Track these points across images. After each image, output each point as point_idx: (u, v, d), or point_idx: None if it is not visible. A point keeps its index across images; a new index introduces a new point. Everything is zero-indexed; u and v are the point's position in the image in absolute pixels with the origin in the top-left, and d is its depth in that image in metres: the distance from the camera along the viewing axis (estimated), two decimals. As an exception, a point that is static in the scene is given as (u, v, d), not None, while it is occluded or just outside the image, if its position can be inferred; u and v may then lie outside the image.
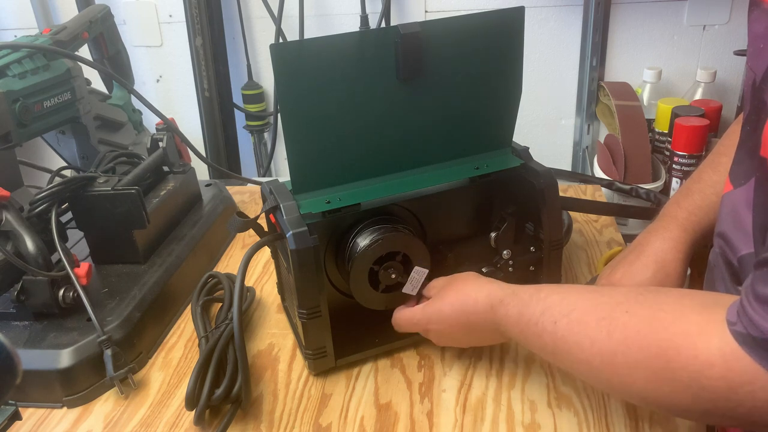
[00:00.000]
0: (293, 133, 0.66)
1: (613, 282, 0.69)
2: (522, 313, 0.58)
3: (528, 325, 0.57)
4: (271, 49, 0.61)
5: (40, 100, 0.85)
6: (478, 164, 0.74)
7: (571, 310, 0.53)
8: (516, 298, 0.60)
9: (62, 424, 0.68)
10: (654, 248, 0.68)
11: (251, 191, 1.18)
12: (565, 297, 0.55)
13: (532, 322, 0.56)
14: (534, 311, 0.57)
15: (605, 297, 0.52)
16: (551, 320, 0.54)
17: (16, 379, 0.41)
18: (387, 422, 0.65)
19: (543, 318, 0.55)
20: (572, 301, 0.54)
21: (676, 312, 0.45)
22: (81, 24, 0.99)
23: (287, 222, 0.64)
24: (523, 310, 0.58)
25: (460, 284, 0.67)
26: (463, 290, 0.66)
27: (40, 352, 0.69)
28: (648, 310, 0.47)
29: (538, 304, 0.57)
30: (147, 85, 1.61)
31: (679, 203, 0.71)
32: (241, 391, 0.64)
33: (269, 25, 1.48)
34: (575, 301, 0.54)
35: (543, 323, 0.55)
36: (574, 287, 0.58)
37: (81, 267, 0.75)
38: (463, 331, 0.66)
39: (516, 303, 0.59)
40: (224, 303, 0.78)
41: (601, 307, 0.51)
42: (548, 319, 0.54)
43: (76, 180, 0.80)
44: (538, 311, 0.56)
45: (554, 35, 1.38)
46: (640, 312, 0.47)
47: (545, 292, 0.58)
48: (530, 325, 0.57)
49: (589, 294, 0.54)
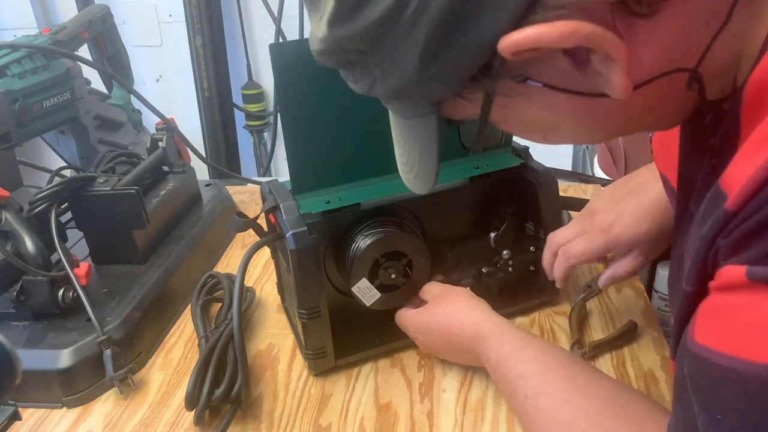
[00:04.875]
0: (293, 133, 0.66)
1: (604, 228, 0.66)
2: (500, 364, 0.59)
3: (504, 381, 0.59)
4: (271, 49, 0.61)
5: (40, 100, 0.85)
6: (478, 164, 0.74)
7: (542, 393, 0.54)
8: (500, 346, 0.60)
9: (62, 424, 0.68)
10: (654, 195, 0.64)
11: (251, 191, 1.18)
12: (542, 372, 0.56)
13: (507, 380, 0.58)
14: (511, 370, 0.58)
15: (576, 395, 0.52)
16: (522, 392, 0.55)
17: (16, 379, 0.41)
18: (387, 422, 0.65)
19: (517, 382, 0.56)
20: (547, 381, 0.55)
21: None
22: (81, 24, 0.99)
23: (287, 222, 0.64)
24: (501, 362, 0.59)
25: (452, 302, 0.67)
26: (453, 310, 0.66)
27: (40, 352, 0.69)
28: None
29: (517, 365, 0.57)
30: (147, 85, 1.61)
31: None
32: (240, 391, 0.64)
33: (269, 25, 1.48)
34: (550, 382, 0.54)
35: (516, 388, 0.56)
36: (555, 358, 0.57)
37: (81, 267, 0.75)
38: (446, 347, 0.68)
39: (498, 350, 0.60)
40: (224, 303, 0.78)
41: (568, 407, 0.52)
42: (521, 388, 0.56)
43: (75, 180, 0.80)
44: (514, 373, 0.57)
45: (554, 35, 1.38)
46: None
47: (526, 354, 0.58)
48: (506, 382, 0.58)
49: (564, 382, 0.54)
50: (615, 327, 0.75)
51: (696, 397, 0.36)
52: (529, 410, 0.54)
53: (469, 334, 0.63)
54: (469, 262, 0.75)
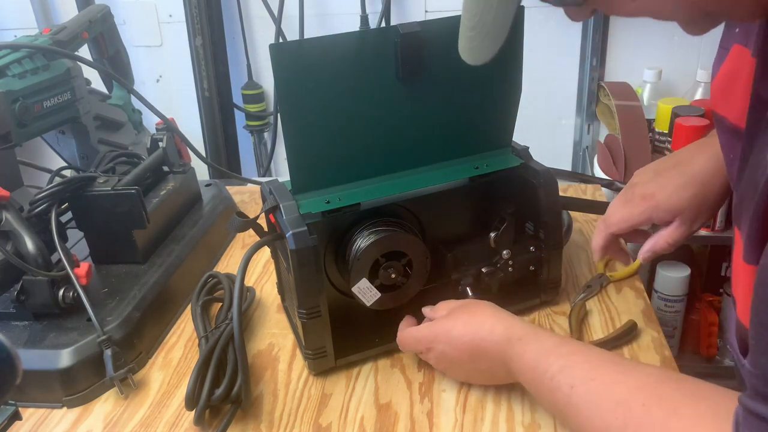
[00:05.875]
0: (293, 133, 0.66)
1: (645, 195, 0.65)
2: (539, 362, 0.56)
3: (543, 378, 0.55)
4: (271, 49, 0.62)
5: (40, 100, 0.85)
6: (478, 164, 0.74)
7: (592, 378, 0.51)
8: (537, 343, 0.57)
9: (62, 424, 0.68)
10: (699, 166, 0.64)
11: (251, 191, 1.18)
12: (588, 360, 0.53)
13: (548, 375, 0.54)
14: (553, 365, 0.54)
15: (627, 375, 0.50)
16: (568, 382, 0.52)
17: (16, 379, 0.41)
18: (387, 422, 0.65)
19: (561, 376, 0.53)
20: (594, 368, 0.52)
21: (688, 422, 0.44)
22: (81, 24, 0.99)
23: (287, 222, 0.64)
24: (541, 358, 0.56)
25: (477, 309, 0.64)
26: (480, 315, 0.63)
27: (40, 352, 0.69)
28: (664, 411, 0.46)
29: (559, 359, 0.54)
30: (147, 85, 1.61)
31: None
32: (241, 391, 0.64)
33: (269, 25, 1.48)
34: (597, 368, 0.52)
35: (559, 381, 0.53)
36: (597, 351, 0.55)
37: (81, 267, 0.75)
38: (468, 358, 0.63)
39: (536, 348, 0.57)
40: (224, 303, 0.78)
41: (621, 387, 0.49)
42: (566, 380, 0.53)
43: (76, 180, 0.80)
44: (557, 367, 0.54)
45: (554, 35, 1.38)
46: (656, 411, 0.46)
47: (568, 348, 0.55)
48: (545, 379, 0.54)
49: (612, 366, 0.52)
50: (615, 327, 0.75)
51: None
52: (576, 400, 0.51)
53: (500, 337, 0.60)
54: (469, 262, 0.76)
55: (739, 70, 0.53)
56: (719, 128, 0.58)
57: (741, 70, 0.53)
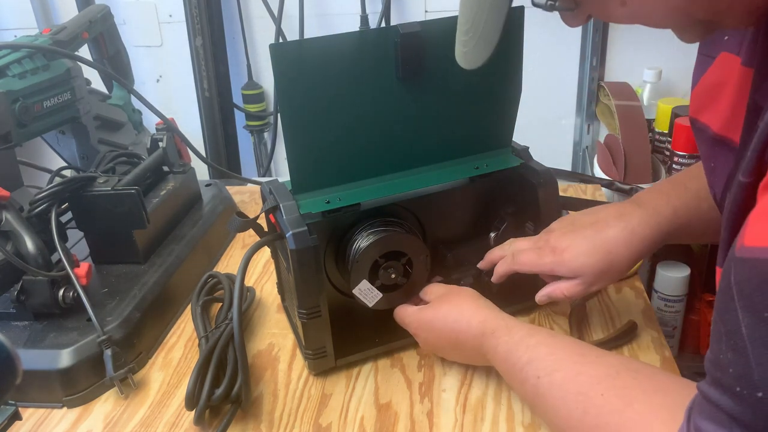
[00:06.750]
0: (293, 133, 0.66)
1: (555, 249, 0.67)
2: (510, 353, 0.59)
3: (513, 369, 0.58)
4: (271, 49, 0.61)
5: (40, 100, 0.85)
6: (478, 164, 0.74)
7: (555, 370, 0.54)
8: (508, 336, 0.60)
9: (62, 424, 0.68)
10: (611, 234, 0.66)
11: (251, 191, 1.18)
12: (552, 352, 0.56)
13: (518, 367, 0.57)
14: (521, 357, 0.57)
15: (588, 366, 0.53)
16: (535, 374, 0.55)
17: (16, 379, 0.41)
18: (387, 422, 0.65)
19: (528, 368, 0.56)
20: (558, 360, 0.55)
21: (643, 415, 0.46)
22: (81, 24, 0.99)
23: (287, 222, 0.64)
24: (511, 351, 0.59)
25: (458, 300, 0.67)
26: (459, 307, 0.66)
27: (40, 352, 0.69)
28: (621, 402, 0.48)
29: (527, 351, 0.57)
30: (147, 85, 1.61)
31: (669, 198, 0.67)
32: (241, 391, 0.64)
33: (269, 25, 1.48)
34: (561, 360, 0.55)
35: (527, 373, 0.56)
36: (563, 341, 0.58)
37: (81, 267, 0.75)
38: (450, 345, 0.67)
39: (506, 341, 0.60)
40: (224, 303, 0.78)
41: (582, 378, 0.52)
42: (532, 372, 0.55)
43: (76, 180, 0.80)
44: (525, 359, 0.57)
45: (554, 35, 1.38)
46: (614, 401, 0.48)
47: (535, 340, 0.58)
48: (515, 370, 0.58)
49: (576, 357, 0.54)
50: (615, 327, 0.75)
51: (741, 301, 0.36)
52: (542, 390, 0.54)
53: (476, 331, 0.63)
54: (469, 262, 0.76)
55: (726, 79, 0.54)
56: (699, 137, 0.59)
57: (729, 78, 0.53)
